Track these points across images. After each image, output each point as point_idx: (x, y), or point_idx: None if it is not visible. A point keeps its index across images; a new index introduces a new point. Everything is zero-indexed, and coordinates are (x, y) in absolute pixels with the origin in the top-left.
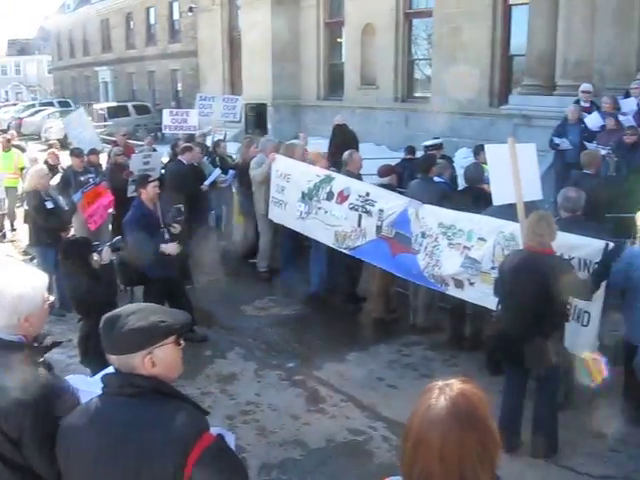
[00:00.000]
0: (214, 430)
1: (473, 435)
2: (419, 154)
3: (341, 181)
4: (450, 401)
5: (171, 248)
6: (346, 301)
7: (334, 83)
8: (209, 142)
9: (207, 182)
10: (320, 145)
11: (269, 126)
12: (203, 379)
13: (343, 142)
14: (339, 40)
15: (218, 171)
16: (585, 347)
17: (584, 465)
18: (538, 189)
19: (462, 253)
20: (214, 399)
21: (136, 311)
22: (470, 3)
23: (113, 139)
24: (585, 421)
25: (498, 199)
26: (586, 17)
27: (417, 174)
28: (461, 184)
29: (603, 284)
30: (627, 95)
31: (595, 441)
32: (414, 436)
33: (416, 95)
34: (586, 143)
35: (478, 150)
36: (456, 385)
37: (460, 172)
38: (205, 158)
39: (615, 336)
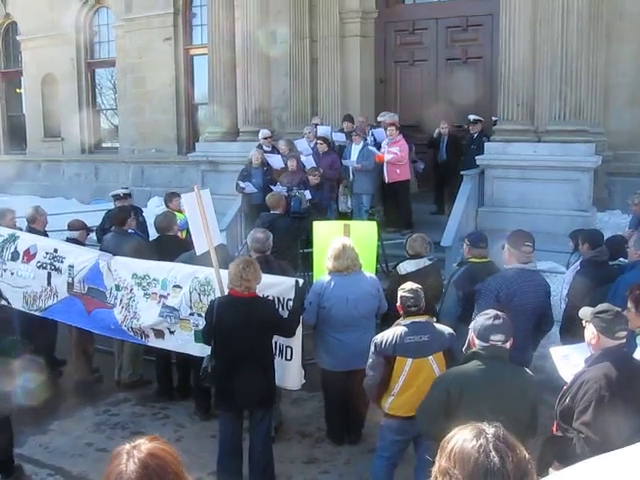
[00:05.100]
0: None
1: None
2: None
3: (26, 239)
4: (140, 464)
5: None
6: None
7: (14, 135)
8: None
9: None
10: None
11: None
12: None
13: None
14: (18, 90)
15: None
16: (292, 380)
17: None
18: (218, 234)
19: (159, 302)
20: None
21: None
22: (152, 53)
23: None
24: (295, 450)
25: (200, 248)
26: (262, 69)
27: (110, 226)
28: (152, 233)
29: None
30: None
31: (306, 467)
32: None
33: (105, 146)
34: (271, 186)
35: (169, 198)
36: (144, 446)
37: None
38: None
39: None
